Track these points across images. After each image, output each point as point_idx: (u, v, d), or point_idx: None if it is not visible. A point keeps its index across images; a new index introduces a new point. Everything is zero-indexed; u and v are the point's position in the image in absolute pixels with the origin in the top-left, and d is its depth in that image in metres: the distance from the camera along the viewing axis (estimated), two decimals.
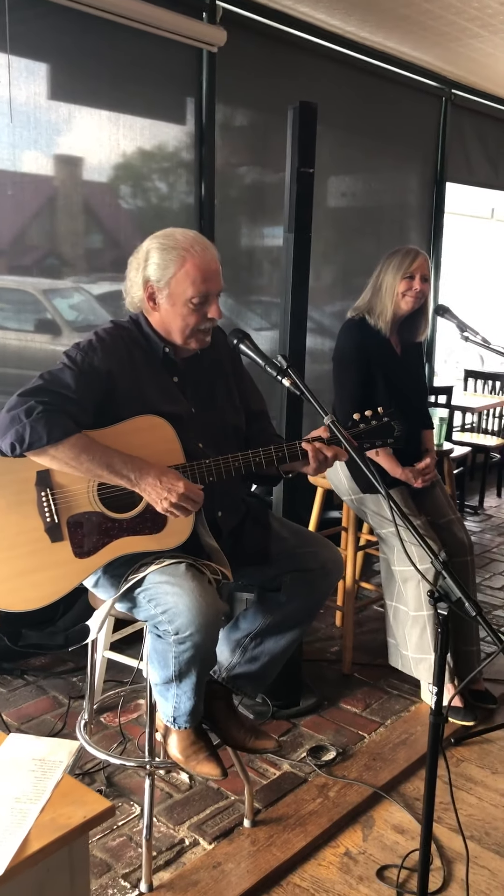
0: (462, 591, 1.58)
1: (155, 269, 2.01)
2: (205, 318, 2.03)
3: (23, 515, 1.94)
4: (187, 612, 1.85)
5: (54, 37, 3.19)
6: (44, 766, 1.31)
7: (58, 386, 1.91)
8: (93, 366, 1.96)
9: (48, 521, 1.95)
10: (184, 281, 1.99)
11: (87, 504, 1.97)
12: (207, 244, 2.04)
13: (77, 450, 1.87)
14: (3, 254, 3.23)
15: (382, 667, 3.18)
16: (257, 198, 4.13)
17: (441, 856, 2.26)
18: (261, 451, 2.02)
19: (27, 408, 1.84)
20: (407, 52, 4.59)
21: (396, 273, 2.89)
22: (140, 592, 1.99)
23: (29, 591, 1.94)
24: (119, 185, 3.58)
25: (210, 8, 3.66)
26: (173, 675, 1.94)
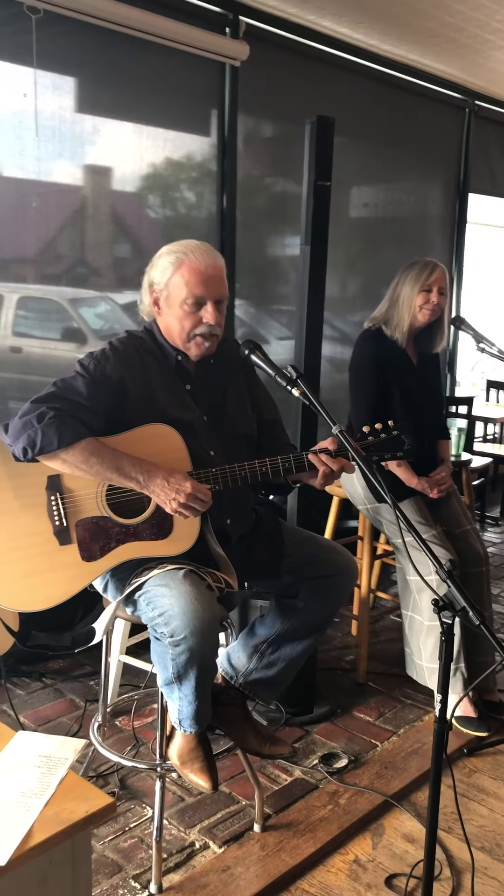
0: (466, 600, 1.59)
1: (157, 272, 2.08)
2: (200, 322, 2.07)
3: (33, 518, 2.00)
4: (182, 616, 1.88)
5: (82, 53, 3.26)
6: (50, 762, 1.35)
7: (70, 393, 1.96)
8: (105, 374, 2.02)
9: (57, 525, 2.00)
10: (179, 283, 2.05)
11: (95, 508, 2.02)
12: (209, 251, 2.08)
13: (87, 453, 1.92)
14: (33, 263, 3.31)
15: (397, 676, 3.18)
16: (280, 208, 4.18)
17: (451, 866, 2.26)
18: (267, 461, 2.05)
19: (39, 413, 1.90)
20: (429, 64, 4.62)
21: (414, 285, 2.91)
22: (140, 596, 2.03)
23: (36, 592, 1.99)
24: (146, 195, 3.65)
25: (233, 23, 3.72)
26: (173, 677, 1.97)
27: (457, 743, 2.78)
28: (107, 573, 2.13)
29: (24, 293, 3.37)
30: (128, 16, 3.22)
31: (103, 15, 3.16)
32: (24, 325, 3.39)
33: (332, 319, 4.67)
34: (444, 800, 2.39)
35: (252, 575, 2.23)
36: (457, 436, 3.55)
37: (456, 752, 2.75)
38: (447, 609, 1.61)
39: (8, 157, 3.13)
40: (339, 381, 4.34)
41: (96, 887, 2.12)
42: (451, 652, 1.65)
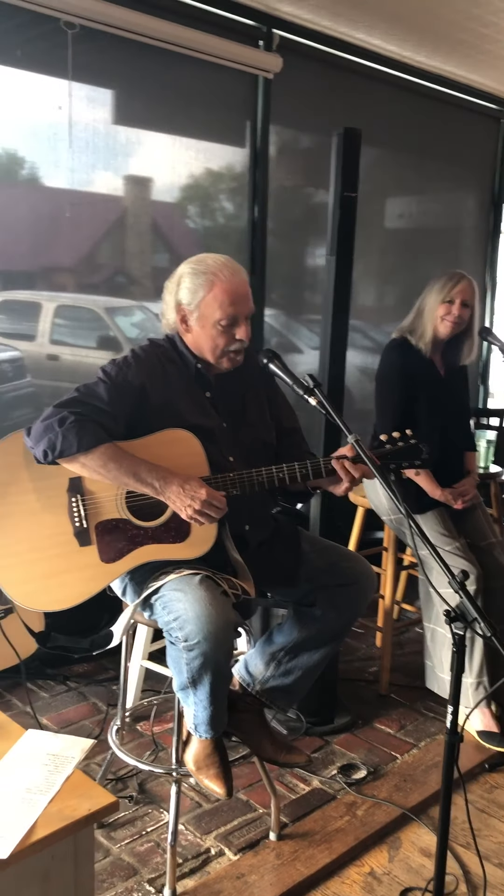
0: (478, 611, 1.58)
1: (186, 293, 2.10)
2: (233, 340, 2.10)
3: (54, 519, 2.04)
4: (196, 620, 1.90)
5: (117, 66, 3.32)
6: (57, 760, 1.37)
7: (91, 398, 2.01)
8: (126, 380, 2.06)
9: (77, 526, 2.04)
10: (212, 304, 2.07)
11: (115, 511, 2.05)
12: (237, 269, 2.12)
13: (105, 458, 1.96)
14: (72, 272, 3.38)
15: (420, 688, 3.16)
16: (313, 218, 4.20)
17: (467, 882, 2.24)
18: (284, 466, 2.07)
19: (60, 417, 1.95)
20: (463, 74, 4.61)
21: (437, 297, 2.92)
22: (156, 600, 2.05)
23: (55, 592, 2.03)
24: (185, 205, 3.71)
25: (267, 36, 3.75)
26: (187, 682, 1.98)
27: (478, 758, 2.75)
28: (126, 577, 2.16)
29: (62, 302, 3.44)
30: (162, 30, 3.28)
31: (139, 30, 3.21)
32: (62, 333, 3.46)
33: (366, 329, 4.68)
34: (462, 815, 2.38)
35: (270, 582, 2.24)
36: (485, 448, 3.52)
37: (477, 767, 2.72)
38: (459, 620, 1.61)
39: (44, 167, 3.20)
40: (371, 392, 4.34)
41: (111, 890, 2.14)
42: (462, 663, 1.64)
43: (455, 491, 2.98)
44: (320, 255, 4.28)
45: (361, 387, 4.64)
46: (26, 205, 3.20)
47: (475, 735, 2.85)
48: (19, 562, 2.03)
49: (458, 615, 1.61)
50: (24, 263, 3.25)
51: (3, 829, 1.20)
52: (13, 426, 2.07)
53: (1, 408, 3.25)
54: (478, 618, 1.58)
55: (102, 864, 2.23)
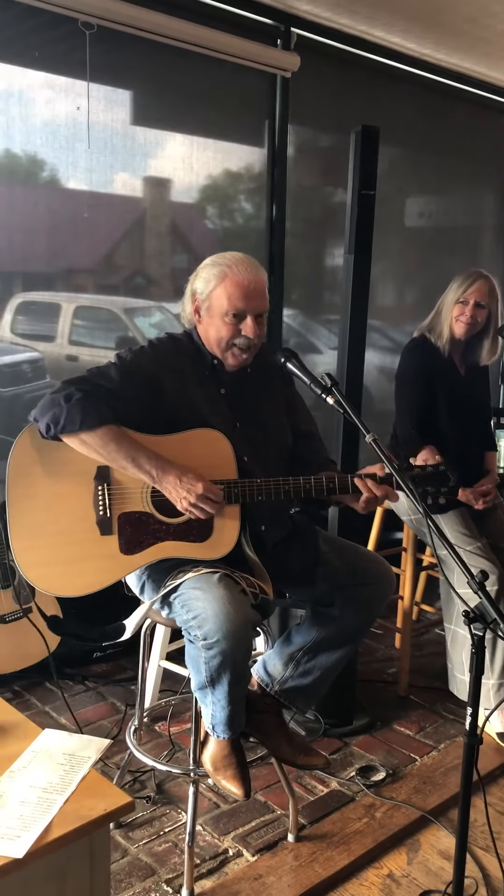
0: (497, 612, 1.57)
1: (201, 282, 2.12)
2: (238, 334, 2.10)
3: (78, 505, 2.04)
4: (215, 619, 1.89)
5: (136, 66, 3.33)
6: (73, 760, 1.37)
7: (101, 378, 2.02)
8: (140, 366, 2.07)
9: (100, 515, 2.04)
10: (221, 295, 2.08)
11: (139, 504, 2.06)
12: (253, 265, 2.12)
13: (107, 439, 1.97)
14: (91, 273, 3.39)
15: (440, 690, 3.14)
16: (332, 218, 4.19)
17: (486, 885, 2.22)
18: (312, 478, 2.07)
19: (67, 393, 1.96)
20: (483, 72, 4.58)
21: (454, 296, 2.90)
22: (175, 598, 2.05)
23: (73, 578, 2.04)
24: (204, 206, 3.71)
25: (285, 35, 3.74)
26: (206, 681, 1.98)
27: (498, 760, 2.73)
28: (144, 574, 2.16)
29: (80, 303, 3.45)
30: (180, 29, 3.28)
31: (157, 29, 3.22)
32: (80, 334, 3.47)
33: (386, 329, 4.65)
34: (482, 817, 2.36)
35: (287, 582, 2.24)
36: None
37: (497, 769, 2.70)
38: (478, 621, 1.59)
39: (62, 169, 3.21)
40: (391, 391, 4.31)
41: (129, 890, 2.14)
42: (481, 664, 1.62)
43: (476, 491, 2.95)
44: (339, 254, 4.26)
45: (380, 387, 4.61)
46: (45, 206, 3.21)
47: (495, 737, 2.83)
48: (40, 545, 2.04)
49: (478, 616, 1.60)
50: (43, 265, 3.27)
51: (18, 829, 1.20)
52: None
53: (21, 408, 3.27)
54: (498, 619, 1.56)
55: (120, 863, 2.23)
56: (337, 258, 4.26)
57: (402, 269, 4.65)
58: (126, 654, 3.35)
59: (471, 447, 3.03)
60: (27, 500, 2.04)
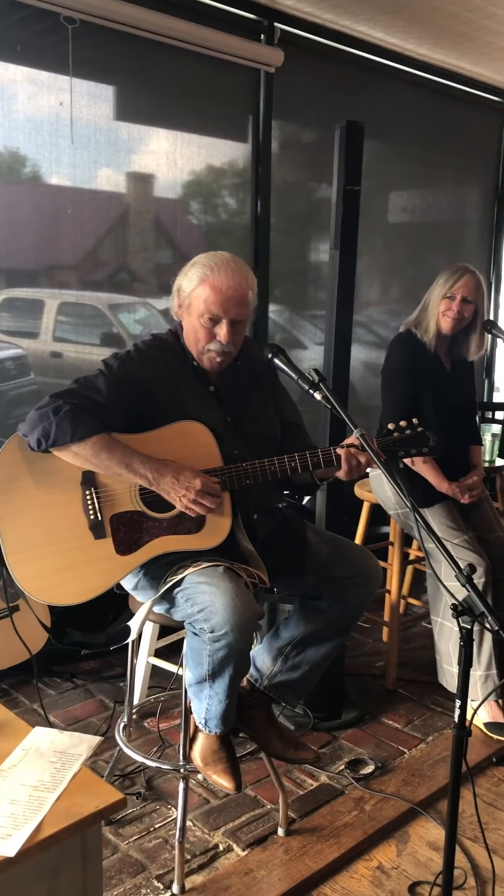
0: (485, 605, 1.58)
1: (186, 280, 2.12)
2: (213, 339, 2.09)
3: (68, 513, 2.04)
4: (223, 611, 1.89)
5: (118, 62, 3.31)
6: (64, 758, 1.37)
7: (89, 390, 2.01)
8: (128, 374, 2.06)
9: (92, 519, 2.04)
10: (199, 297, 2.07)
11: (129, 503, 2.05)
12: (237, 271, 2.07)
13: (98, 448, 1.96)
14: (75, 269, 3.37)
15: (428, 683, 3.16)
16: (317, 213, 4.19)
17: (476, 875, 2.23)
18: (296, 455, 2.07)
19: (55, 406, 1.96)
20: (466, 67, 4.59)
21: (440, 291, 2.91)
22: (178, 592, 2.05)
23: (72, 585, 2.03)
24: (188, 201, 3.70)
25: (268, 30, 3.74)
26: (207, 675, 1.98)
27: (486, 751, 2.75)
28: (139, 572, 2.16)
29: (64, 299, 3.43)
30: (163, 24, 3.27)
31: (139, 24, 3.20)
32: (65, 330, 3.45)
33: (371, 325, 4.66)
34: (471, 808, 2.38)
35: (276, 575, 2.24)
36: (490, 441, 3.50)
37: (485, 760, 2.72)
38: (466, 614, 1.60)
39: (46, 164, 3.19)
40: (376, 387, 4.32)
41: (119, 886, 2.15)
42: (470, 658, 1.63)
43: (462, 485, 2.97)
44: (324, 250, 4.26)
45: (367, 382, 4.63)
46: (29, 202, 3.19)
47: (483, 728, 2.85)
48: (34, 556, 2.03)
49: (466, 609, 1.61)
50: (26, 261, 3.25)
51: (10, 827, 1.20)
52: (17, 424, 2.07)
53: (5, 406, 3.25)
54: (485, 611, 1.57)
55: (111, 860, 2.23)
56: (322, 253, 4.26)
57: (387, 264, 4.66)
58: (114, 651, 3.35)
59: (457, 441, 3.05)
60: (17, 514, 2.03)
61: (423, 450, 2.13)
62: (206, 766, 2.10)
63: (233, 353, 2.15)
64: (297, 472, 2.09)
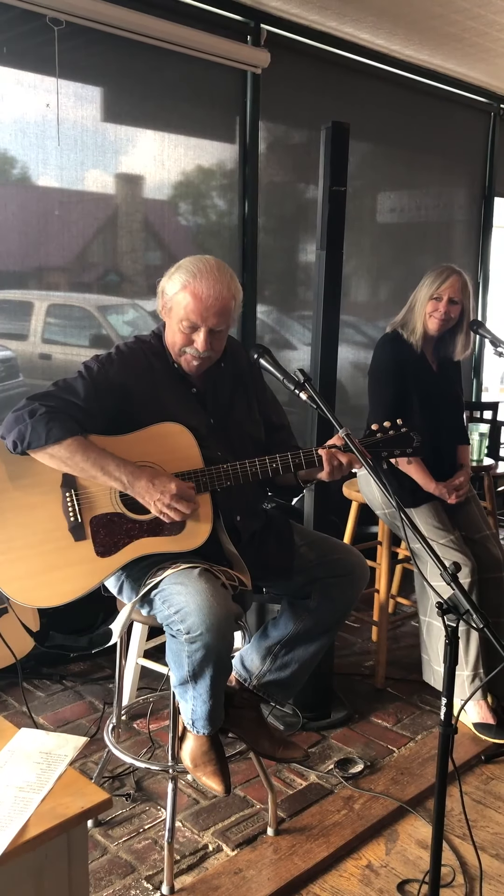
0: (470, 603, 1.59)
1: (170, 283, 2.12)
2: (190, 343, 2.10)
3: (48, 515, 2.04)
4: (198, 612, 1.90)
5: (105, 63, 3.31)
6: (50, 758, 1.37)
7: (67, 393, 2.01)
8: (108, 378, 2.05)
9: (72, 521, 2.04)
10: (180, 303, 2.08)
11: (109, 505, 2.05)
12: (221, 280, 2.06)
13: (72, 451, 1.96)
14: (64, 271, 3.37)
15: (416, 682, 3.17)
16: (304, 214, 4.20)
17: (464, 873, 2.24)
18: (277, 457, 2.08)
19: (31, 409, 1.96)
20: (453, 68, 4.61)
21: (427, 292, 2.91)
22: (156, 594, 2.05)
23: (52, 587, 2.03)
24: (176, 202, 3.70)
25: (254, 31, 3.75)
26: (188, 676, 1.98)
27: (474, 750, 2.76)
28: (122, 574, 2.16)
29: (53, 301, 3.43)
30: (149, 26, 3.27)
31: (125, 26, 3.21)
32: (54, 332, 3.45)
33: (360, 325, 4.68)
34: (459, 807, 2.39)
35: (264, 575, 2.25)
36: (478, 441, 3.52)
37: (473, 758, 2.73)
38: (451, 612, 1.61)
39: (32, 166, 3.19)
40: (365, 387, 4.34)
41: (109, 887, 2.14)
42: (455, 655, 1.64)
43: (449, 485, 2.98)
44: (311, 250, 4.27)
45: (355, 382, 4.64)
46: (16, 204, 3.19)
47: (471, 727, 2.86)
48: (14, 558, 2.02)
49: (451, 607, 1.61)
50: (15, 263, 3.24)
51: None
52: None
53: None
54: (470, 609, 1.58)
55: (100, 861, 2.23)
56: (309, 254, 4.27)
57: (375, 264, 4.67)
58: (103, 652, 3.35)
59: (444, 441, 3.06)
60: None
61: (407, 450, 2.13)
62: (196, 767, 2.10)
63: (212, 358, 2.15)
64: (278, 474, 2.09)
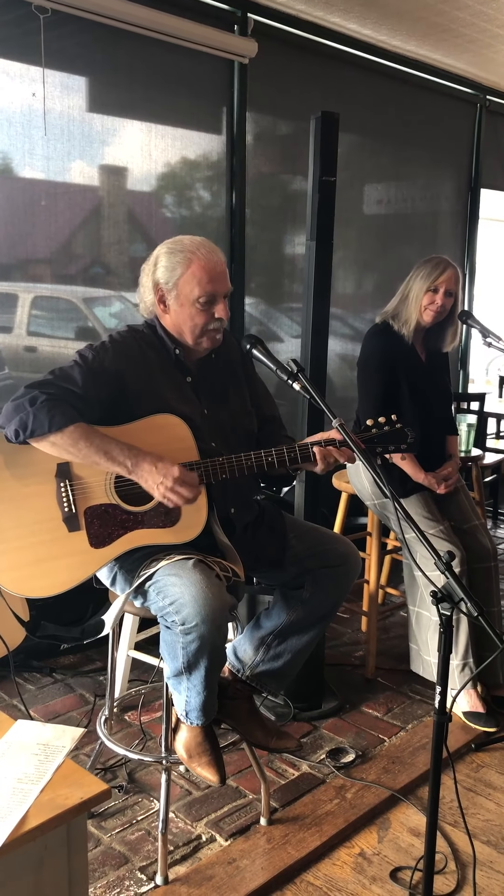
0: (464, 591, 1.59)
1: (163, 271, 2.10)
2: (213, 318, 2.10)
3: (42, 505, 2.03)
4: (193, 603, 1.90)
5: (91, 52, 3.28)
6: (47, 750, 1.37)
7: (65, 381, 2.00)
8: (103, 365, 2.04)
9: (66, 511, 2.03)
10: (190, 281, 2.07)
11: (104, 496, 2.05)
12: (214, 248, 2.12)
13: (76, 437, 1.95)
14: (48, 263, 3.34)
15: (406, 672, 3.18)
16: (291, 205, 4.20)
17: (456, 859, 2.26)
18: (273, 450, 2.07)
19: (31, 397, 1.94)
20: (440, 59, 4.61)
21: (423, 284, 2.90)
22: (150, 586, 2.05)
23: (45, 578, 2.02)
24: (161, 194, 3.68)
25: (241, 20, 3.73)
26: (182, 667, 1.98)
27: (465, 738, 2.78)
28: (115, 566, 2.15)
29: (38, 293, 3.40)
30: (136, 14, 3.25)
31: (111, 14, 3.18)
32: (39, 324, 3.43)
33: (346, 317, 4.68)
34: (450, 794, 2.41)
35: (256, 566, 2.25)
36: (466, 431, 3.54)
37: (464, 747, 2.75)
38: (445, 601, 1.62)
39: (18, 156, 3.16)
40: (351, 379, 4.35)
41: (102, 879, 2.15)
42: (450, 644, 1.65)
43: (438, 475, 2.99)
44: (299, 242, 4.27)
45: (342, 374, 4.65)
46: (1, 195, 3.16)
47: (462, 716, 2.88)
48: (7, 548, 2.01)
49: (445, 596, 1.62)
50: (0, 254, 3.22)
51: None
52: None
53: None
54: (464, 598, 1.58)
55: (94, 853, 2.23)
56: (297, 246, 4.27)
57: (362, 256, 4.68)
58: (94, 644, 3.34)
59: (433, 431, 3.07)
60: None
61: (401, 446, 2.14)
62: (191, 758, 2.11)
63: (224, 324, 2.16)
64: (273, 467, 2.10)
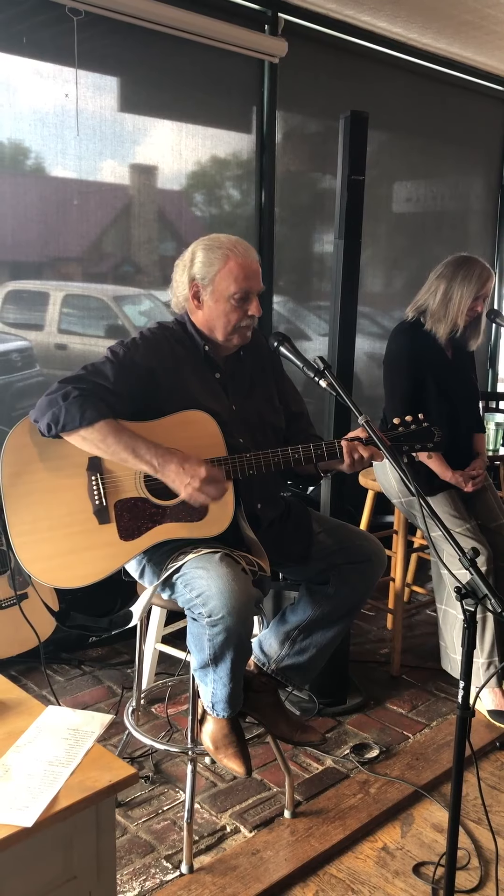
0: (489, 588, 1.60)
1: (200, 266, 2.13)
2: (245, 315, 2.13)
3: (74, 497, 2.07)
4: (219, 596, 1.92)
5: (123, 53, 3.33)
6: (77, 735, 1.41)
7: (96, 376, 2.04)
8: (134, 361, 2.08)
9: (97, 504, 2.07)
10: (227, 278, 2.10)
11: (133, 490, 2.08)
12: (249, 247, 2.16)
13: (105, 433, 1.99)
14: (79, 261, 3.39)
15: (431, 669, 3.19)
16: (320, 204, 4.21)
17: (479, 856, 2.27)
18: (300, 447, 2.10)
19: (64, 392, 1.98)
20: (469, 56, 4.60)
21: (472, 290, 2.85)
22: (178, 578, 2.08)
23: (76, 569, 2.07)
24: (191, 193, 3.72)
25: (272, 20, 3.75)
26: (209, 659, 2.01)
27: (489, 736, 2.78)
28: (143, 558, 2.19)
29: (69, 291, 3.46)
30: (168, 15, 3.28)
31: (144, 15, 3.22)
32: (70, 322, 3.48)
33: (374, 315, 4.68)
34: (474, 791, 2.41)
35: (282, 561, 2.27)
36: (494, 430, 3.53)
37: (488, 745, 2.75)
38: (469, 597, 1.63)
39: (51, 156, 3.21)
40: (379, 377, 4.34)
41: (129, 866, 2.18)
42: (473, 639, 1.66)
43: (466, 473, 2.99)
44: (328, 241, 4.28)
45: (370, 373, 4.65)
46: (34, 194, 3.21)
47: (486, 714, 2.88)
48: (39, 539, 2.06)
49: (469, 592, 1.63)
50: (31, 253, 3.27)
51: (27, 799, 1.23)
52: (24, 415, 2.10)
53: (11, 397, 3.28)
54: (488, 594, 1.59)
55: (121, 841, 2.27)
56: (325, 244, 4.28)
57: (391, 254, 4.68)
58: (121, 637, 3.39)
59: (460, 430, 3.07)
60: (24, 497, 2.07)
61: (427, 445, 2.15)
62: (217, 749, 2.14)
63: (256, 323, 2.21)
64: (300, 464, 2.12)
